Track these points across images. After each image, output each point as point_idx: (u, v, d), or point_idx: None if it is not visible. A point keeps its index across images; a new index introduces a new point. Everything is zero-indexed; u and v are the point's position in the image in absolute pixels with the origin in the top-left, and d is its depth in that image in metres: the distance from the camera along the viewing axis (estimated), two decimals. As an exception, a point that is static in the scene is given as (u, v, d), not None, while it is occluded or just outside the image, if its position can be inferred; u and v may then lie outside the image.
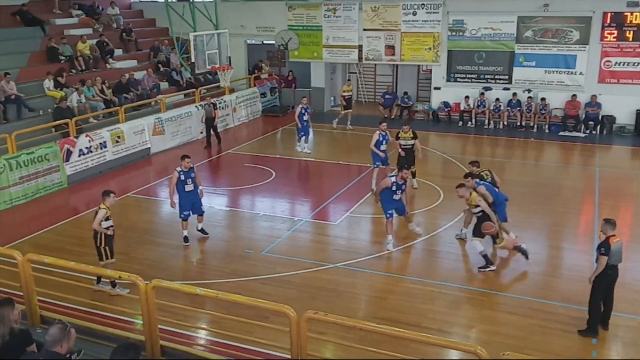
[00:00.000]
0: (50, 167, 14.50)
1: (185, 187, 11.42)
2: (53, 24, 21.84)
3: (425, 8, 21.89)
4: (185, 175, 11.41)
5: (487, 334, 8.43)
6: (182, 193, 11.49)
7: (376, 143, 13.96)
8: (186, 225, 11.57)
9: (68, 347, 5.06)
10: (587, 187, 14.84)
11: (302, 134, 17.84)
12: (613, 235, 7.99)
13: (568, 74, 20.79)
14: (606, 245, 7.93)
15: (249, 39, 25.51)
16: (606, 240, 7.98)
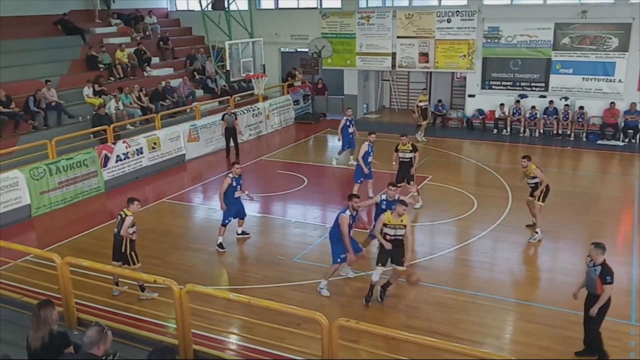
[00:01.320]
0: (89, 172, 14.84)
1: (235, 193, 11.60)
2: (93, 33, 22.39)
3: (460, 15, 21.74)
4: (236, 181, 11.57)
5: (521, 345, 8.28)
6: (231, 199, 11.59)
7: (364, 155, 13.54)
8: (224, 232, 11.69)
9: (105, 349, 5.16)
10: (626, 197, 14.48)
11: (346, 146, 16.95)
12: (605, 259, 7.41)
13: (607, 82, 20.35)
14: (610, 272, 7.33)
15: (283, 47, 25.72)
16: (606, 266, 7.36)
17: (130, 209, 9.45)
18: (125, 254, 9.40)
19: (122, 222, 9.33)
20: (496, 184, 15.39)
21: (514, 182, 12.78)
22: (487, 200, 14.02)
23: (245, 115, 20.69)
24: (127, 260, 9.44)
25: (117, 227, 9.45)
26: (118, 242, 9.43)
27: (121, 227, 9.32)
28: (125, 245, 9.38)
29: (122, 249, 9.39)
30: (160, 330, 7.83)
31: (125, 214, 9.38)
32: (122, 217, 9.38)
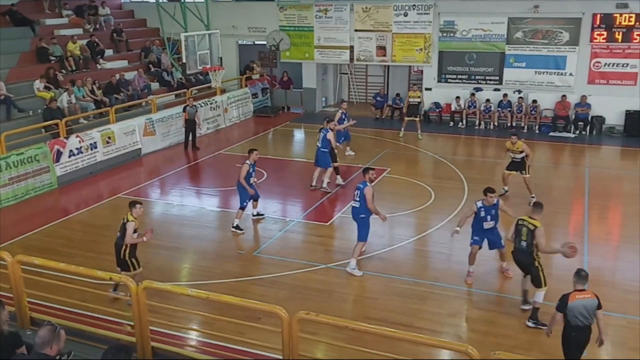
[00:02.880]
0: (40, 168, 14.41)
1: (251, 179, 11.98)
2: (43, 24, 21.71)
3: (416, 9, 21.95)
4: (252, 168, 11.99)
5: (478, 333, 8.46)
6: (248, 184, 11.99)
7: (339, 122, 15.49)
8: (242, 215, 12.13)
9: (58, 348, 5.03)
10: (577, 188, 14.94)
11: (342, 139, 16.98)
12: (580, 290, 6.96)
13: (558, 75, 20.91)
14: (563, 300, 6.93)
15: (241, 39, 25.48)
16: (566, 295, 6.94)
17: (133, 214, 8.93)
18: (124, 260, 8.94)
19: (124, 227, 8.82)
20: (453, 176, 15.65)
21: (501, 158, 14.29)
22: (444, 192, 14.25)
23: (203, 109, 20.42)
24: (127, 266, 8.95)
25: (119, 232, 8.94)
26: (118, 248, 8.96)
27: (124, 233, 8.80)
28: (125, 250, 8.91)
29: (122, 254, 8.93)
30: (118, 329, 7.68)
31: (127, 219, 8.86)
32: (124, 222, 8.86)
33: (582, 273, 7.00)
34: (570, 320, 6.90)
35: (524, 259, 8.68)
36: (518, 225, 8.63)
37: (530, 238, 8.47)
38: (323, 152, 14.33)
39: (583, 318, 6.86)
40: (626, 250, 11.30)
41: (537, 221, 8.51)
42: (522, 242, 8.57)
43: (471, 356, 4.97)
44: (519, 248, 8.66)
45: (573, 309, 6.83)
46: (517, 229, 8.62)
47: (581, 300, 6.85)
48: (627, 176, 16.24)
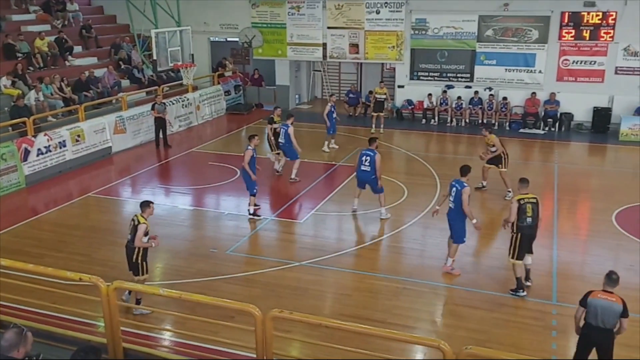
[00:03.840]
0: (7, 167, 14.10)
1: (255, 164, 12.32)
2: (9, 20, 21.24)
3: (388, 7, 22.04)
4: (255, 153, 12.27)
5: (451, 328, 8.55)
6: (254, 170, 12.26)
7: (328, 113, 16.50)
8: (254, 201, 12.53)
9: (25, 351, 4.92)
10: (547, 183, 15.17)
11: (331, 131, 17.72)
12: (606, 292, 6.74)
13: (528, 72, 21.21)
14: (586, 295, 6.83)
15: (212, 36, 25.28)
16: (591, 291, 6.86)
17: (144, 214, 8.65)
18: (136, 263, 8.68)
19: (135, 229, 8.55)
20: (425, 173, 15.77)
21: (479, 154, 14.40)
22: (416, 189, 14.35)
23: (175, 106, 20.22)
24: (138, 269, 8.72)
25: (130, 234, 8.66)
26: (130, 251, 8.68)
27: (134, 235, 8.54)
28: (138, 253, 8.65)
29: (134, 257, 8.66)
30: (88, 330, 7.56)
31: (138, 220, 8.58)
32: (135, 223, 8.59)
33: (613, 276, 6.76)
34: (587, 317, 6.78)
35: (534, 233, 9.33)
36: (521, 204, 9.09)
37: (535, 211, 9.15)
38: (287, 146, 14.74)
39: (600, 318, 6.66)
40: (594, 245, 11.54)
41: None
42: (527, 219, 9.11)
43: (443, 351, 5.01)
44: (528, 225, 9.15)
45: (592, 305, 6.69)
46: (521, 208, 9.06)
47: (603, 301, 6.65)
48: (595, 172, 16.60)
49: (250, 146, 12.39)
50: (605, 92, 20.28)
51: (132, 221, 8.74)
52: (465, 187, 9.71)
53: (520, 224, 9.10)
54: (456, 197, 9.74)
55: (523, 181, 9.46)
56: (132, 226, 8.65)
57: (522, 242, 9.18)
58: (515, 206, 9.09)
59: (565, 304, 8.99)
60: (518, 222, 9.09)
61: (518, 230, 9.15)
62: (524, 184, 9.41)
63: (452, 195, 9.86)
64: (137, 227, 8.56)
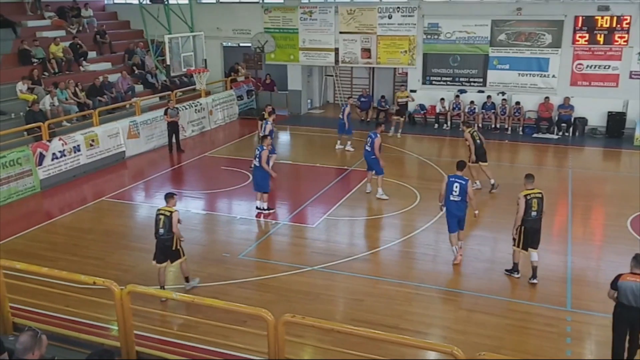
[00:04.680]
0: (23, 171, 14.24)
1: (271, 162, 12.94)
2: (25, 26, 21.49)
3: (400, 11, 22.04)
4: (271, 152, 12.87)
5: (463, 334, 8.49)
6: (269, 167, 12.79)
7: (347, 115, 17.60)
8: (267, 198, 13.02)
9: (40, 354, 4.97)
10: (561, 189, 15.06)
11: (350, 133, 18.22)
12: (634, 274, 7.15)
13: (541, 77, 21.10)
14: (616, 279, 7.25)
15: (225, 41, 25.42)
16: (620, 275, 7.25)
17: (169, 205, 9.32)
18: (177, 249, 9.30)
19: (169, 219, 9.13)
20: (438, 178, 15.65)
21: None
22: (429, 194, 14.26)
23: (188, 111, 20.34)
24: (178, 254, 9.36)
25: (162, 228, 9.17)
26: (167, 241, 9.23)
27: (169, 226, 9.11)
28: (176, 240, 9.26)
29: (174, 245, 9.26)
30: (102, 333, 7.62)
31: (169, 211, 9.20)
32: (167, 215, 9.15)
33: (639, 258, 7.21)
34: (620, 298, 7.21)
35: (538, 226, 9.73)
36: (527, 199, 9.52)
37: (540, 206, 9.59)
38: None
39: (633, 299, 7.08)
40: (609, 251, 11.42)
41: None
42: (532, 212, 9.56)
43: (456, 357, 4.99)
44: (532, 218, 9.61)
45: (622, 288, 7.13)
46: (527, 203, 9.51)
47: (632, 282, 7.07)
48: (610, 177, 16.46)
49: (264, 146, 12.79)
50: (620, 96, 20.12)
51: (159, 216, 9.24)
52: (469, 181, 10.51)
53: (526, 217, 9.60)
54: (462, 191, 10.32)
55: (529, 177, 9.87)
56: (163, 219, 9.16)
57: (527, 233, 9.70)
58: (523, 201, 9.56)
59: (580, 311, 8.92)
60: (524, 216, 9.60)
61: (523, 223, 9.66)
62: (529, 180, 9.83)
63: (455, 190, 10.37)
64: (169, 217, 9.11)
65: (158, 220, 9.26)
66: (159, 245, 9.34)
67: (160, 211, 9.31)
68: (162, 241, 9.27)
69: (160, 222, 9.21)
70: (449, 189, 10.41)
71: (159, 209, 9.39)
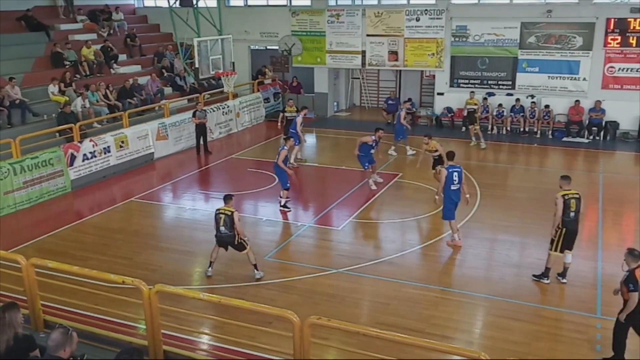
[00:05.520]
0: (54, 171, 14.54)
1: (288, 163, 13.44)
2: (57, 29, 21.95)
3: (428, 14, 21.94)
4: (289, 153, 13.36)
5: (490, 340, 8.40)
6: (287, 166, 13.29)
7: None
8: (286, 194, 13.38)
9: (71, 350, 5.06)
10: (591, 193, 14.80)
11: (400, 137, 18.19)
12: (639, 267, 7.29)
13: (571, 80, 20.78)
14: (633, 279, 7.22)
15: (253, 44, 25.60)
16: (633, 273, 7.26)
17: (229, 205, 9.99)
18: (240, 243, 10.01)
19: (230, 219, 9.81)
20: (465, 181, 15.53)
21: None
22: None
23: (215, 113, 20.53)
24: (243, 245, 10.05)
25: (223, 226, 9.88)
26: (228, 238, 9.97)
27: (230, 225, 9.83)
28: (236, 237, 9.94)
29: (236, 240, 9.98)
30: (130, 332, 7.72)
31: (230, 211, 9.87)
32: (228, 214, 9.83)
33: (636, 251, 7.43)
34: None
35: (577, 227, 9.71)
36: (565, 199, 9.50)
37: (578, 206, 9.56)
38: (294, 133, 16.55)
39: None
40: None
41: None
42: (571, 213, 9.52)
43: (483, 363, 4.94)
44: (571, 219, 9.57)
45: None
46: (565, 203, 9.48)
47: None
48: (642, 182, 16.10)
49: (285, 146, 13.42)
50: (653, 100, 19.72)
51: (220, 215, 9.94)
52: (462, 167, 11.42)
53: (565, 218, 9.55)
54: (460, 178, 11.19)
55: (566, 178, 9.86)
56: (224, 218, 9.87)
57: (566, 235, 9.64)
58: (561, 202, 9.51)
59: (611, 318, 8.70)
60: (563, 217, 9.53)
61: (563, 225, 9.58)
62: (566, 181, 9.81)
63: (455, 179, 11.17)
64: (230, 217, 9.83)
65: (219, 219, 9.94)
66: (220, 241, 10.12)
67: (220, 211, 9.98)
68: (223, 238, 10.02)
69: (221, 220, 9.90)
70: (449, 180, 11.10)
71: (218, 209, 10.06)
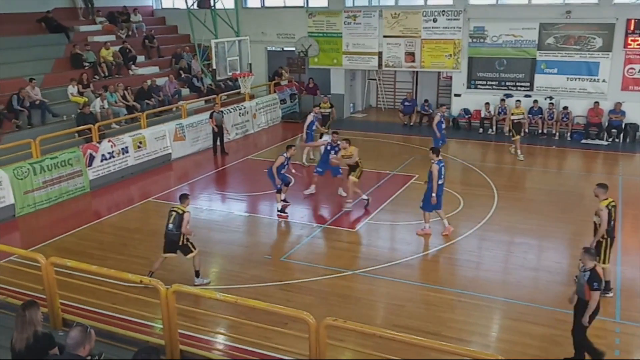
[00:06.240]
0: (73, 171, 14.70)
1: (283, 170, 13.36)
2: (77, 31, 22.19)
3: (446, 15, 21.84)
4: (288, 161, 13.25)
5: (507, 343, 8.33)
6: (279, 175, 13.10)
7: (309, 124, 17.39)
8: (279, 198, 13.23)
9: (90, 348, 5.10)
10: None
11: (441, 142, 16.80)
12: (596, 265, 7.39)
13: (591, 81, 20.55)
14: (597, 277, 7.23)
15: (270, 45, 25.66)
16: (594, 271, 7.27)
17: (184, 205, 9.79)
18: (185, 244, 9.82)
19: (180, 217, 9.61)
20: (482, 183, 15.48)
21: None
22: (473, 200, 14.10)
23: (232, 114, 20.62)
24: (188, 248, 9.86)
25: (171, 223, 9.68)
26: (174, 236, 9.72)
27: (179, 223, 9.60)
28: (183, 237, 9.76)
29: (181, 241, 9.76)
30: (147, 331, 7.78)
31: (182, 210, 9.68)
32: (179, 213, 9.63)
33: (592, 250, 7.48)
34: None
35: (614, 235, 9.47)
36: (609, 209, 9.23)
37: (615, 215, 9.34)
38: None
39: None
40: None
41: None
42: (612, 222, 9.27)
43: (501, 366, 4.90)
44: (612, 227, 9.31)
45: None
46: (609, 213, 9.20)
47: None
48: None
49: (285, 154, 13.11)
50: (674, 102, 19.44)
51: (172, 212, 9.73)
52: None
53: (609, 228, 9.22)
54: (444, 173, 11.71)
55: (604, 186, 9.44)
56: (174, 216, 9.64)
57: (611, 246, 9.38)
58: (606, 212, 9.16)
59: (630, 322, 8.64)
60: (607, 227, 9.19)
61: (608, 234, 9.25)
62: (604, 189, 9.39)
63: (443, 173, 11.71)
64: (181, 216, 9.57)
65: (170, 215, 9.75)
66: (167, 239, 9.86)
67: (173, 208, 9.83)
68: (169, 236, 9.78)
69: (171, 217, 9.71)
70: (441, 174, 11.59)
71: (172, 207, 9.91)
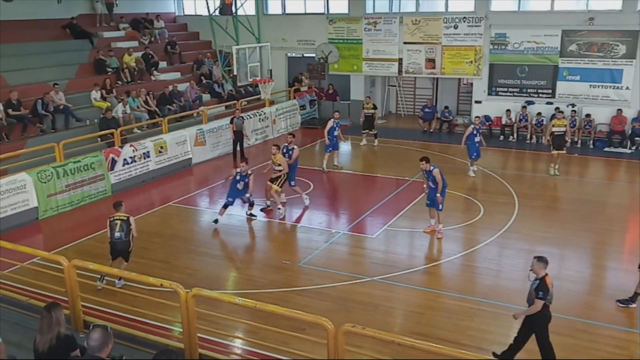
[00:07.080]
0: (96, 175, 14.90)
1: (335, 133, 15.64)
2: (101, 37, 22.55)
3: (467, 21, 21.77)
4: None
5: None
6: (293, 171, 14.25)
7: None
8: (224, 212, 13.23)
9: (109, 350, 5.15)
10: (633, 205, 14.41)
11: (474, 156, 16.74)
12: (547, 275, 7.38)
13: (614, 89, 20.32)
14: (544, 287, 7.29)
15: (290, 52, 25.79)
16: (543, 281, 7.31)
17: (122, 211, 9.93)
18: (130, 252, 9.96)
19: (127, 224, 9.80)
20: (503, 191, 15.36)
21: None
22: (493, 207, 14.00)
23: (252, 120, 20.74)
24: (128, 258, 10.01)
25: (119, 232, 9.80)
26: (125, 244, 9.87)
27: (127, 230, 9.79)
28: (131, 242, 9.92)
29: (131, 247, 9.93)
30: (166, 334, 7.84)
31: (125, 216, 9.87)
32: (125, 219, 9.82)
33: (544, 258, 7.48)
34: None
35: None
36: None
37: None
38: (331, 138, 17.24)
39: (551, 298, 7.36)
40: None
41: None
42: None
43: (520, 376, 4.85)
44: None
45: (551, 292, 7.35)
46: None
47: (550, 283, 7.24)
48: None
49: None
50: (700, 110, 19.12)
51: (115, 221, 9.82)
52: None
53: None
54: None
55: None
56: (120, 224, 9.78)
57: None
58: None
59: (653, 334, 8.49)
60: None
61: None
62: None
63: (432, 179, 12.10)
64: (127, 222, 9.77)
65: (114, 225, 9.82)
66: (116, 247, 9.91)
67: (114, 217, 9.88)
68: (117, 244, 9.86)
69: (116, 226, 9.80)
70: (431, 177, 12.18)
71: (112, 216, 9.93)
